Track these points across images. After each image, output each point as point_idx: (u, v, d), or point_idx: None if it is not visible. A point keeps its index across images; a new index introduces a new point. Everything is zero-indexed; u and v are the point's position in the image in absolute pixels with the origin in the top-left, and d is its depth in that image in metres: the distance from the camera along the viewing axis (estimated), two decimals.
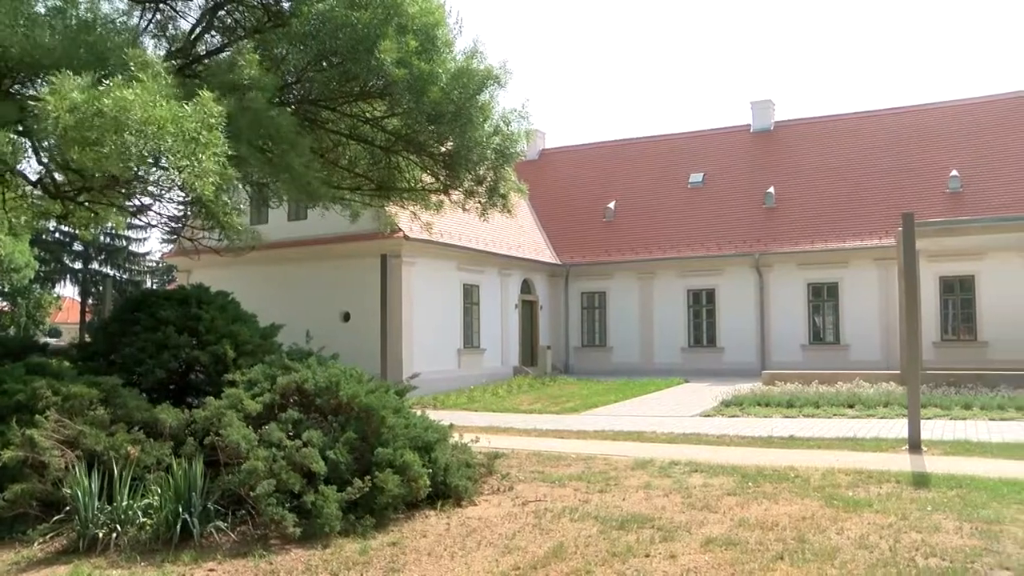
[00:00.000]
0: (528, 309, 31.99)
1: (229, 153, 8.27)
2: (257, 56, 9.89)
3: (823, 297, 29.87)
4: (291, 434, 8.35)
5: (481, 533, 7.79)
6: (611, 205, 34.63)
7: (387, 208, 17.67)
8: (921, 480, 9.65)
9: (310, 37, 10.54)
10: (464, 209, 14.42)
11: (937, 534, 7.30)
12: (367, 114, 12.64)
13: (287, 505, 7.63)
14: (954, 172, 29.06)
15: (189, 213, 14.91)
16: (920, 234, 17.49)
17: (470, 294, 27.77)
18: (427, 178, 14.15)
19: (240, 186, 13.62)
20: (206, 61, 11.79)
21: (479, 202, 13.89)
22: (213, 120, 7.92)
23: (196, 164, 7.74)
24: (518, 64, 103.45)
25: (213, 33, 12.29)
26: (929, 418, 15.07)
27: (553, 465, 11.27)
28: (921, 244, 20.91)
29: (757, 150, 34.39)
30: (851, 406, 17.72)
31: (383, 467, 8.23)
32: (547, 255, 33.36)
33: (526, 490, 9.67)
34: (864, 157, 31.60)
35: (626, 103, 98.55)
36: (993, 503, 8.39)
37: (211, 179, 7.91)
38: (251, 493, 7.62)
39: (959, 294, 27.78)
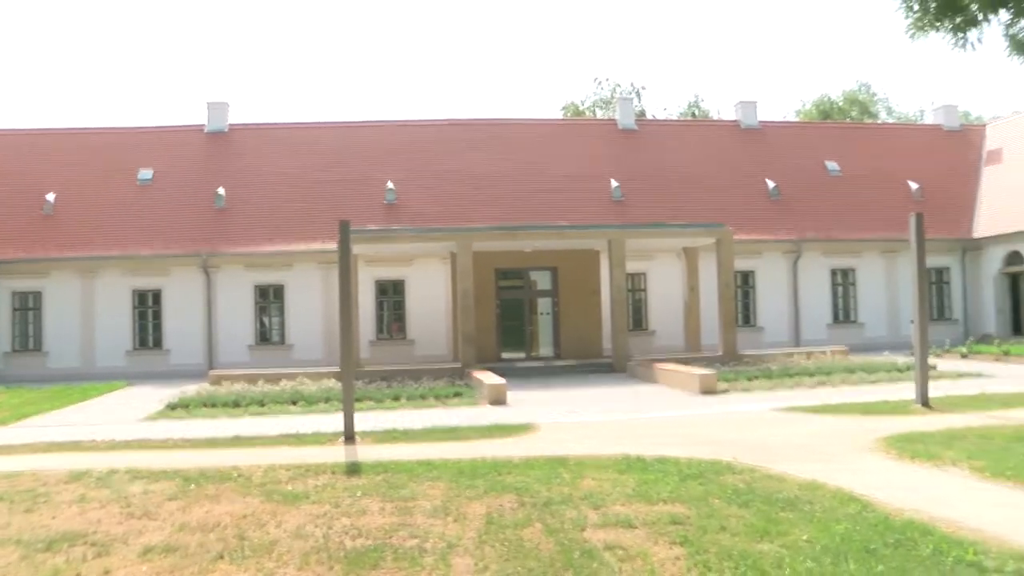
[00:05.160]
0: None
1: None
2: None
3: (270, 298, 30.64)
4: None
5: None
6: (50, 197, 31.49)
7: None
8: (354, 469, 10.47)
9: None
10: None
11: (364, 517, 8.03)
12: None
13: None
14: (390, 184, 31.81)
15: None
16: (356, 240, 18.96)
17: None
18: None
19: None
20: None
21: None
22: None
23: None
24: None
25: None
26: (364, 411, 16.40)
27: None
28: (359, 249, 22.81)
29: (210, 151, 34.01)
30: (295, 403, 18.55)
31: None
32: None
33: None
34: (314, 165, 33.03)
35: (71, 90, 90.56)
36: (411, 483, 9.45)
37: None
38: None
39: (392, 296, 30.68)
